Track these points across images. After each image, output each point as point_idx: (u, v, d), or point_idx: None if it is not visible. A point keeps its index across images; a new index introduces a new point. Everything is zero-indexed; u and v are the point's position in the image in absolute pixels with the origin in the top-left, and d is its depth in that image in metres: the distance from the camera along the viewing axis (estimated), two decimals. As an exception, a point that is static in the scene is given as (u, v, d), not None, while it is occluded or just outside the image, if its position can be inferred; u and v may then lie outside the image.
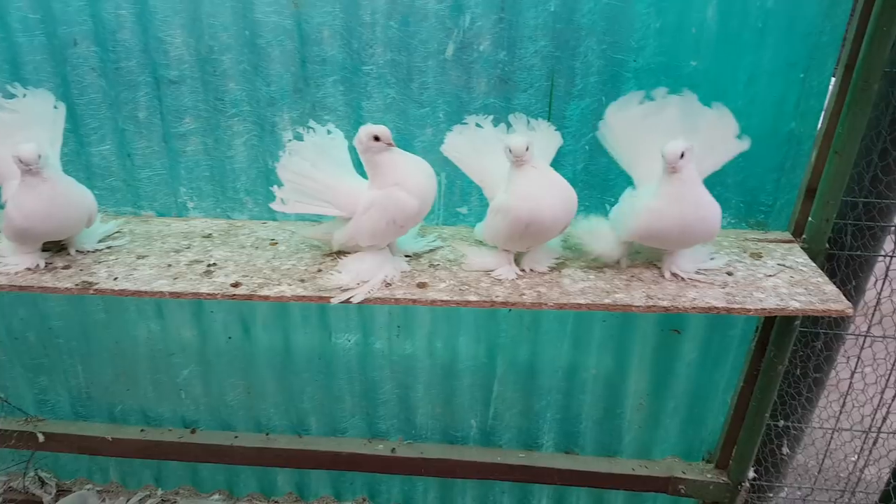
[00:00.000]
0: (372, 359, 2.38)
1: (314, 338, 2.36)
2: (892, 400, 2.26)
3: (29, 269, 1.80)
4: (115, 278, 1.77)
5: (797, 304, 1.67)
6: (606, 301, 1.69)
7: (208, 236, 2.03)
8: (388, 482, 2.66)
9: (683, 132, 1.68)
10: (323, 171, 1.76)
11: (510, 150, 1.62)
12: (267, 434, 2.55)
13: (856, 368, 2.23)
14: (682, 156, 1.57)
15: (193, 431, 2.56)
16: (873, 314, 2.12)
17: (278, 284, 1.74)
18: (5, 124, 1.80)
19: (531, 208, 1.64)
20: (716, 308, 1.67)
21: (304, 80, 1.97)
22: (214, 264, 1.84)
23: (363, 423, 2.52)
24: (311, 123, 1.78)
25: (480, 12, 1.84)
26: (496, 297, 1.70)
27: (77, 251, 1.90)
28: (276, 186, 1.74)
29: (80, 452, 2.59)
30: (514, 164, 1.65)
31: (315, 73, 1.95)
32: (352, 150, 1.75)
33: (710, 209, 1.65)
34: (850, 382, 2.25)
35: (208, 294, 1.71)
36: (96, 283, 1.75)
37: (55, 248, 1.90)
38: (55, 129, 1.86)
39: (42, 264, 1.82)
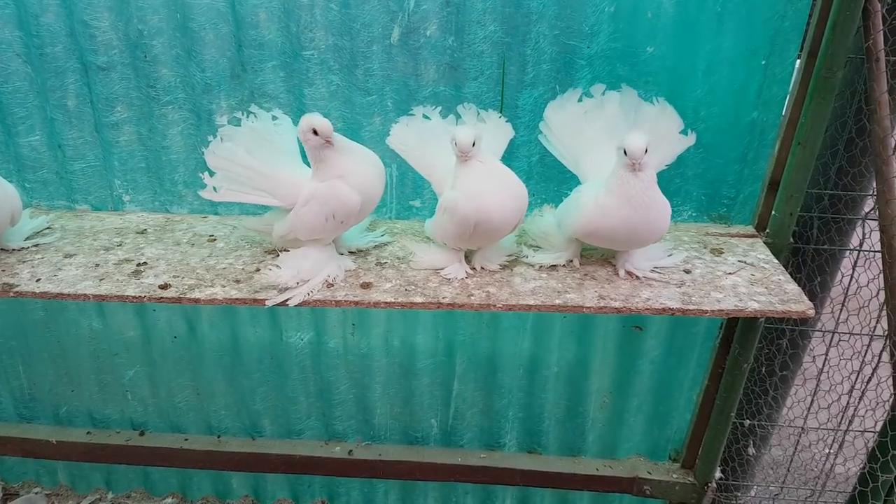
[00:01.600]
0: (327, 358, 2.28)
1: (265, 336, 2.26)
2: (861, 397, 2.19)
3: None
4: (38, 279, 1.67)
5: (756, 305, 1.59)
6: (557, 301, 1.60)
7: (142, 232, 1.92)
8: (347, 484, 2.58)
9: (626, 128, 1.62)
10: (259, 158, 1.65)
11: (456, 145, 1.52)
12: (218, 436, 2.46)
13: (823, 367, 2.16)
14: (646, 151, 1.48)
15: (142, 433, 2.46)
16: (841, 311, 2.05)
17: (211, 286, 1.64)
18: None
19: (478, 206, 1.54)
20: (670, 309, 1.58)
21: (241, 65, 1.85)
22: (145, 263, 1.74)
23: (320, 424, 2.43)
24: (254, 109, 1.68)
25: (426, -6, 1.74)
26: (443, 298, 1.62)
27: (1, 249, 1.79)
28: (205, 173, 1.63)
29: (24, 456, 2.49)
30: (461, 160, 1.55)
31: (253, 57, 1.84)
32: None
33: (661, 211, 1.56)
34: (818, 380, 2.19)
35: (134, 297, 1.61)
36: (17, 286, 1.64)
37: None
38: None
39: None
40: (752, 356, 2.01)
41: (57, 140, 1.97)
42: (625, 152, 1.48)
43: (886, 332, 1.69)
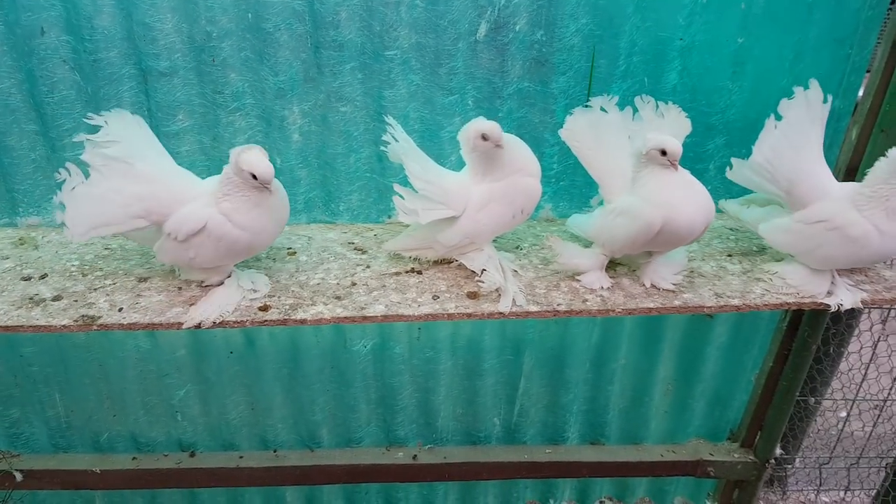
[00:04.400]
0: (391, 364, 2.21)
1: (327, 345, 2.17)
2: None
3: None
4: (120, 309, 1.53)
5: (864, 296, 1.62)
6: (676, 303, 1.59)
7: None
8: (405, 489, 2.53)
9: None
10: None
11: (663, 153, 1.46)
12: (275, 451, 2.36)
13: (878, 340, 2.25)
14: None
15: (192, 455, 2.34)
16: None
17: (313, 304, 1.55)
18: (118, 158, 1.45)
19: (667, 217, 1.48)
20: (787, 304, 1.61)
21: (317, 67, 1.75)
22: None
23: (379, 430, 2.36)
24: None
25: (517, -11, 1.67)
26: (558, 305, 1.58)
27: None
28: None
29: (64, 488, 2.32)
30: (661, 167, 1.49)
31: (330, 59, 1.74)
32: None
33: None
34: (874, 352, 2.27)
35: (236, 322, 1.50)
36: (99, 318, 1.51)
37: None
38: (153, 140, 1.55)
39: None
40: (820, 337, 2.07)
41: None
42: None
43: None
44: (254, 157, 1.39)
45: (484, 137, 1.52)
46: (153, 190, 1.47)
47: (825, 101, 1.60)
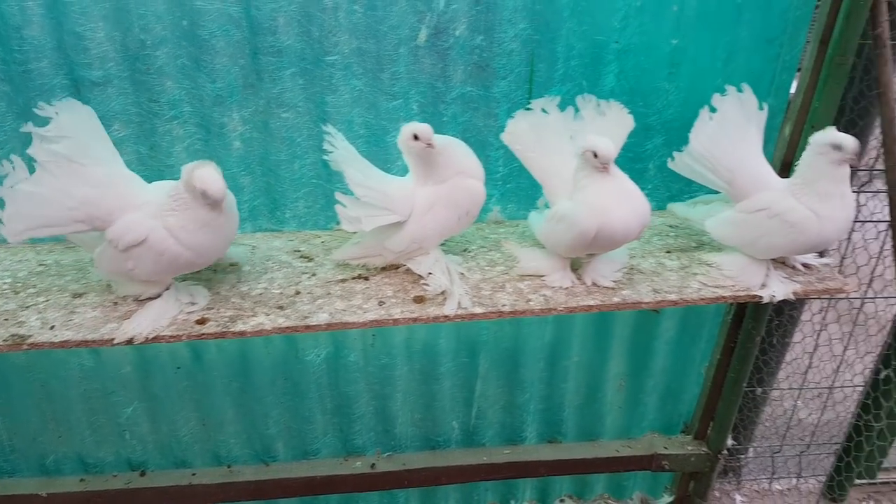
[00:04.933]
0: (346, 372, 2.19)
1: (278, 356, 2.13)
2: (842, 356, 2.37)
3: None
4: (52, 327, 1.49)
5: (798, 287, 1.68)
6: (615, 300, 1.62)
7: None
8: (365, 499, 2.50)
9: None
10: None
11: (595, 155, 1.49)
12: (229, 466, 2.31)
13: (821, 330, 2.32)
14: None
15: (143, 474, 2.28)
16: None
17: (253, 315, 1.53)
18: (66, 156, 1.39)
19: (602, 224, 1.51)
20: (722, 297, 1.65)
21: (256, 73, 1.73)
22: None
23: (336, 441, 2.33)
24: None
25: (456, -7, 1.68)
26: (503, 306, 1.59)
27: None
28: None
29: (8, 515, 2.24)
30: (596, 171, 1.52)
31: (269, 65, 1.72)
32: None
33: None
34: (816, 342, 2.34)
35: (171, 337, 1.48)
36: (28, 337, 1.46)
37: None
38: (105, 139, 1.48)
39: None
40: (763, 328, 2.12)
41: (42, 165, 1.76)
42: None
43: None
44: (207, 175, 1.35)
45: (415, 137, 1.52)
46: (101, 194, 1.41)
47: (760, 107, 1.67)
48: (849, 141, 1.53)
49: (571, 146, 1.63)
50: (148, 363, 2.11)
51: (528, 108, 1.69)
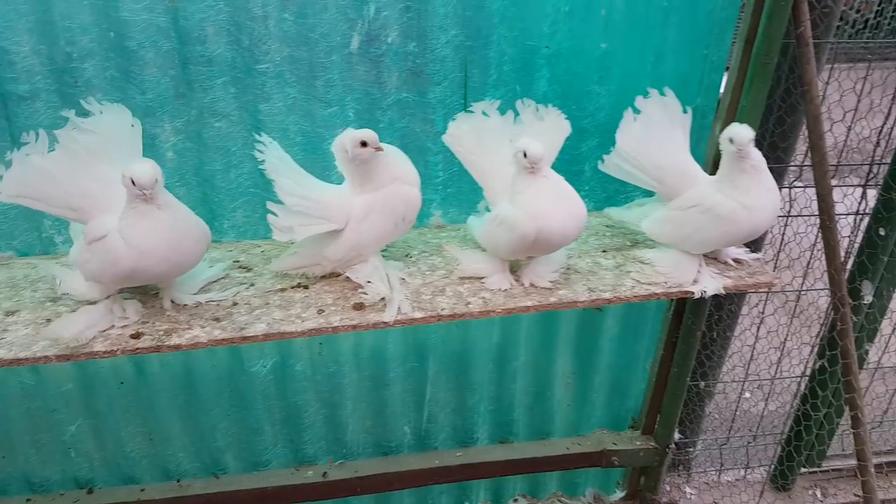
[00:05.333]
0: (293, 382, 2.18)
1: (223, 368, 2.11)
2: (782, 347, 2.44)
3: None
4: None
5: (729, 282, 1.72)
6: (552, 300, 1.65)
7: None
8: (319, 506, 2.50)
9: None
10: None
11: (525, 156, 1.51)
12: (178, 481, 2.29)
13: (760, 323, 2.38)
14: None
15: (90, 492, 2.24)
16: (773, 270, 2.26)
17: (189, 328, 1.52)
18: (87, 149, 1.50)
19: (540, 227, 1.54)
20: (655, 294, 1.69)
21: (187, 83, 1.72)
22: (110, 310, 1.58)
23: (287, 451, 2.32)
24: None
25: (385, 1, 1.69)
26: (441, 310, 1.61)
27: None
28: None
29: (-51, 541, 2.19)
30: (526, 172, 1.55)
31: (200, 74, 1.71)
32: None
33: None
34: (756, 336, 2.40)
35: (105, 352, 1.46)
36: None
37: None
38: (135, 151, 1.56)
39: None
40: (704, 323, 2.17)
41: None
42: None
43: (831, 290, 1.88)
44: (136, 165, 1.38)
45: (363, 144, 1.53)
46: (100, 191, 1.48)
47: (684, 110, 1.72)
48: (740, 132, 1.60)
49: (511, 149, 1.65)
50: (90, 379, 2.07)
51: (470, 111, 1.71)
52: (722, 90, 1.96)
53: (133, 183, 1.36)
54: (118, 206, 1.44)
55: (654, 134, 1.72)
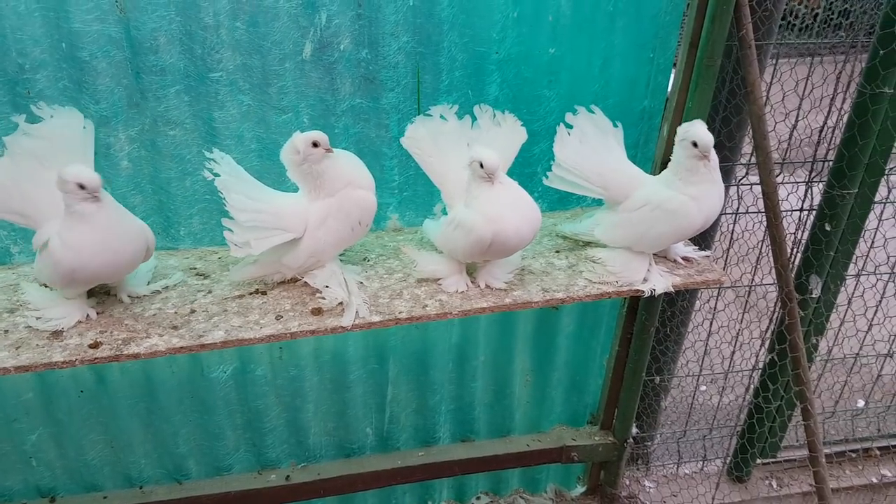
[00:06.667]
0: (254, 387, 2.19)
1: (183, 375, 2.12)
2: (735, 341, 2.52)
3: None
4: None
5: (678, 279, 1.78)
6: (507, 301, 1.69)
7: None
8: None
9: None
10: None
11: (481, 166, 1.55)
12: (141, 487, 2.29)
13: (713, 319, 2.45)
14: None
15: (53, 500, 2.23)
16: (724, 266, 2.33)
17: (147, 337, 1.54)
18: (35, 155, 1.53)
19: (496, 230, 1.58)
20: (607, 293, 1.75)
21: (140, 93, 1.73)
22: (65, 319, 1.58)
23: (250, 455, 2.33)
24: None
25: (336, 9, 1.72)
26: (399, 313, 1.64)
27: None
28: None
29: None
30: (483, 181, 1.58)
31: (153, 84, 1.72)
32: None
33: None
34: (709, 332, 2.47)
35: (64, 362, 1.47)
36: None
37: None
38: (87, 154, 1.60)
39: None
40: (657, 319, 2.23)
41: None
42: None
43: (779, 285, 1.95)
44: (76, 169, 1.40)
45: (315, 144, 1.55)
46: (46, 197, 1.49)
47: (615, 125, 1.81)
48: (704, 139, 1.65)
49: (467, 156, 1.69)
50: (50, 388, 2.06)
51: (428, 115, 1.75)
52: (669, 92, 2.03)
53: (82, 187, 1.39)
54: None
55: (590, 144, 1.79)
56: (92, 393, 2.09)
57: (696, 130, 1.67)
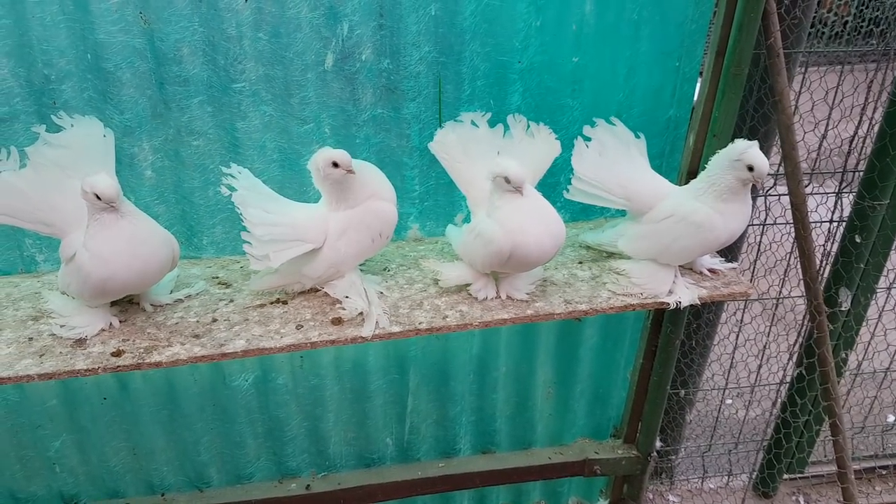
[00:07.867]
0: (275, 395, 2.20)
1: (205, 383, 2.13)
2: (762, 353, 2.46)
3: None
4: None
5: (704, 292, 1.75)
6: (529, 312, 1.67)
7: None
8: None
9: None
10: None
11: (507, 180, 1.53)
12: (163, 494, 2.30)
13: (739, 331, 2.40)
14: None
15: (74, 507, 2.26)
16: (751, 279, 2.29)
17: (169, 345, 1.54)
18: (57, 164, 1.53)
19: (517, 243, 1.55)
20: (631, 305, 1.71)
21: (164, 103, 1.74)
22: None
23: (270, 464, 2.34)
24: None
25: (358, 20, 1.72)
26: (420, 324, 1.63)
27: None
28: None
29: (-68, 559, 2.19)
30: (507, 192, 1.56)
31: (177, 94, 1.73)
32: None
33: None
34: (735, 345, 2.42)
35: (87, 370, 1.48)
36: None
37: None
38: (108, 161, 1.60)
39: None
40: (683, 332, 2.19)
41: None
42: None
43: (807, 298, 1.91)
44: (95, 178, 1.40)
45: (335, 164, 1.55)
46: (70, 206, 1.50)
47: (637, 136, 1.77)
48: (762, 167, 1.60)
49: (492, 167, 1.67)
50: (73, 395, 2.09)
51: (459, 121, 1.74)
52: (695, 101, 2.00)
53: (98, 198, 1.40)
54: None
55: (610, 156, 1.77)
56: (115, 400, 2.11)
57: (755, 155, 1.61)
